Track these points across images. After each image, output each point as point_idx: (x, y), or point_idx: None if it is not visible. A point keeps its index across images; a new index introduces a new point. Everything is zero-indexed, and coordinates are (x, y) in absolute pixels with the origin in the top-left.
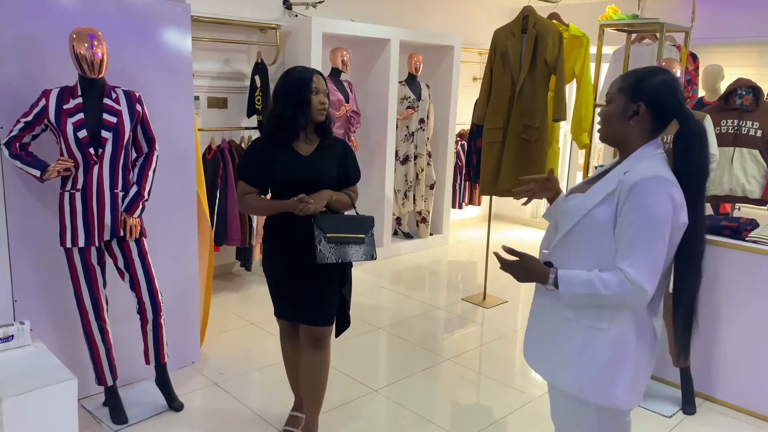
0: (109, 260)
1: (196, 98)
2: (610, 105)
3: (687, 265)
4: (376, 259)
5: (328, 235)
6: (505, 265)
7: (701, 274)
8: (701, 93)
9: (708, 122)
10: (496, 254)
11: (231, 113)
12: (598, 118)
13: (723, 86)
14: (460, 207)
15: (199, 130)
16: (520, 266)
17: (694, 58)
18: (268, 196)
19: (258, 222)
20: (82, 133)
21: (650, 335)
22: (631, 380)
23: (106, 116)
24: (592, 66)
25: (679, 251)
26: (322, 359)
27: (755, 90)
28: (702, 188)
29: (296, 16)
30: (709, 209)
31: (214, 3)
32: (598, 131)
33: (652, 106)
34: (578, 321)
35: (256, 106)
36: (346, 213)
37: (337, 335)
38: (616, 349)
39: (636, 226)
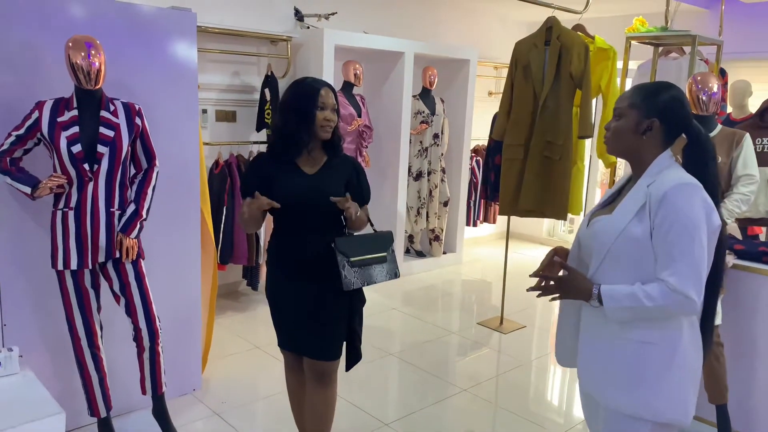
0: (104, 283)
1: (204, 111)
2: (620, 119)
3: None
4: (399, 276)
5: (352, 259)
6: (551, 280)
7: (720, 289)
8: (729, 109)
9: (748, 141)
10: (536, 274)
11: (240, 127)
12: (605, 132)
13: (750, 102)
14: (475, 225)
15: (207, 144)
16: (569, 281)
17: (722, 73)
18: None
19: (265, 240)
20: (77, 148)
21: (699, 344)
22: (686, 393)
23: (102, 130)
24: (618, 80)
25: None
26: (327, 396)
27: None
28: (717, 201)
29: (308, 28)
30: (736, 230)
31: (223, 14)
32: (606, 143)
33: (665, 121)
34: (627, 337)
35: (266, 120)
36: (361, 232)
37: (347, 369)
38: (668, 363)
39: (672, 235)
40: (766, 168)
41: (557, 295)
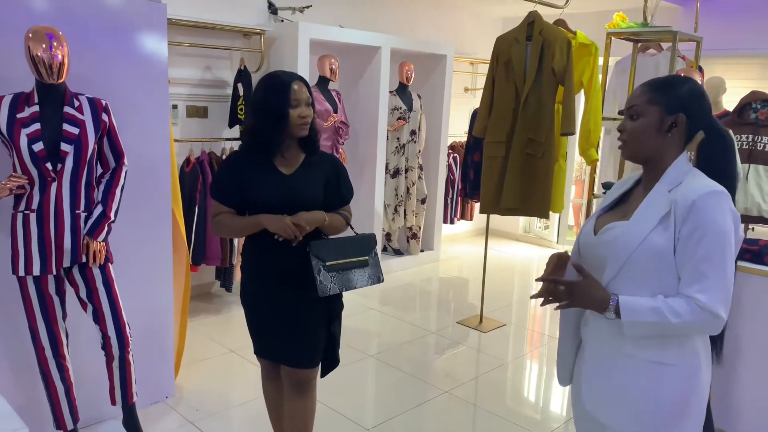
0: (69, 289)
1: (174, 107)
2: (638, 119)
3: None
4: (383, 281)
5: (328, 263)
6: (561, 285)
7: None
8: None
9: (731, 137)
10: (543, 278)
11: (212, 123)
12: (614, 133)
13: (724, 99)
14: (452, 222)
15: (177, 141)
16: (583, 288)
17: (699, 70)
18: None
19: (239, 240)
20: (38, 146)
21: (710, 363)
22: (700, 414)
23: (66, 127)
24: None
25: None
26: (305, 405)
27: None
28: (735, 195)
29: (282, 21)
30: None
31: (194, 6)
32: (622, 147)
33: (690, 116)
34: (642, 357)
35: (239, 116)
36: (341, 234)
37: (323, 375)
38: (686, 386)
39: (703, 248)
40: (744, 165)
41: (566, 303)
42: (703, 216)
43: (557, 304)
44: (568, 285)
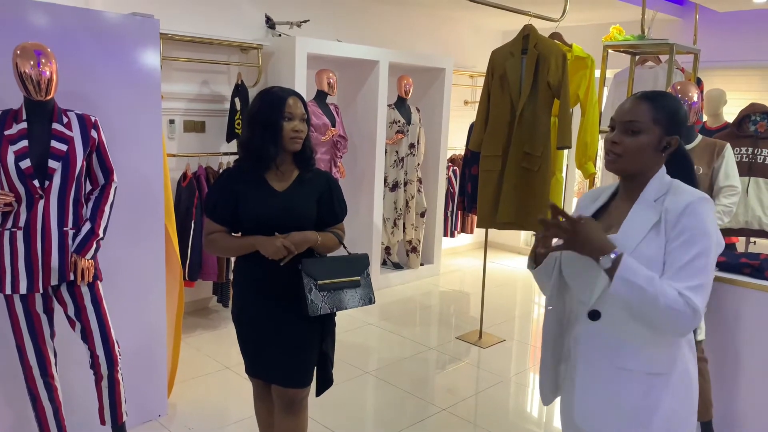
0: (58, 307)
1: (171, 122)
2: (639, 135)
3: None
4: (374, 303)
5: (320, 282)
6: (557, 228)
7: None
8: (704, 118)
9: (729, 151)
10: (543, 220)
11: (209, 138)
12: (603, 146)
13: (724, 111)
14: (452, 235)
15: (174, 155)
16: (587, 228)
17: (698, 82)
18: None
19: None
20: (25, 163)
21: (696, 369)
22: (692, 424)
23: (54, 144)
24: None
25: None
26: (297, 425)
27: None
28: None
29: (280, 35)
30: None
31: (192, 21)
32: (614, 161)
33: (680, 137)
34: (635, 369)
35: (236, 131)
36: (334, 253)
37: (318, 394)
38: (680, 395)
39: (695, 249)
40: (744, 178)
41: (565, 243)
42: (696, 219)
43: (556, 244)
44: (572, 221)
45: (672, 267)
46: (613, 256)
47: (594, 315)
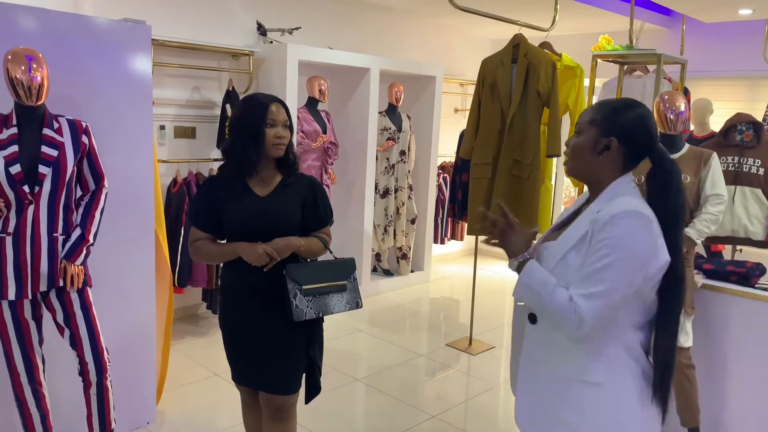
0: (47, 314)
1: (162, 127)
2: (579, 136)
3: (663, 313)
4: (361, 307)
5: (305, 287)
6: (490, 225)
7: (678, 325)
8: (691, 127)
9: (716, 160)
10: (489, 217)
11: (199, 144)
12: (564, 148)
13: (711, 120)
14: (443, 242)
15: (165, 161)
16: (515, 233)
17: (685, 92)
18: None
19: None
20: (15, 169)
21: (649, 384)
22: None
23: (45, 149)
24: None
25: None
26: None
27: (756, 125)
28: (680, 231)
29: (271, 42)
30: (700, 247)
31: (183, 27)
32: (565, 164)
33: (625, 142)
34: (566, 376)
35: (227, 137)
36: (320, 258)
37: (306, 402)
38: (615, 406)
39: (607, 260)
40: (730, 186)
41: (496, 240)
42: (615, 231)
43: (489, 238)
44: (509, 223)
45: (579, 274)
46: (522, 258)
47: (532, 318)
